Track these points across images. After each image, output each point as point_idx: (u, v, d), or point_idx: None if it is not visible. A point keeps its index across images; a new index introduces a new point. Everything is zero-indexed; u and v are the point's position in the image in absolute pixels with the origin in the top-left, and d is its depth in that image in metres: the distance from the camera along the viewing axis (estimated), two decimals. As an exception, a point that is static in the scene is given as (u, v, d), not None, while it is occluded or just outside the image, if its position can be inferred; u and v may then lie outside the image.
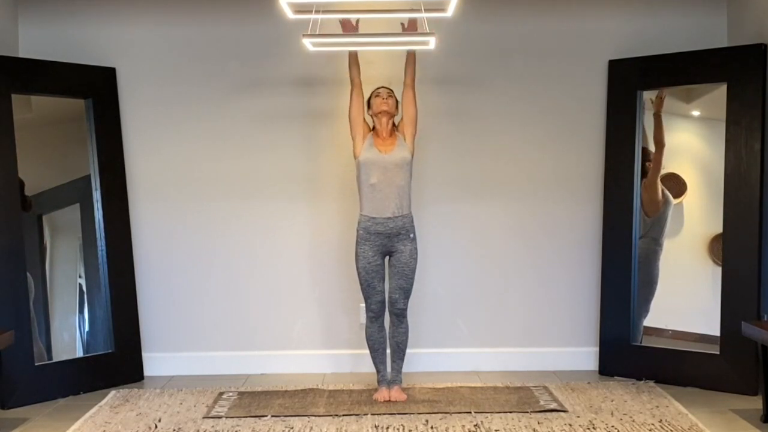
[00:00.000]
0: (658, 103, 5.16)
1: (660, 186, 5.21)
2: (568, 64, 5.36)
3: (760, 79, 4.78)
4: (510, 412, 4.45)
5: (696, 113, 5.35)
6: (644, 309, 5.25)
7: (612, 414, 4.42)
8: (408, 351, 4.79)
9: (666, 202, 5.23)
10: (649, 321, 5.23)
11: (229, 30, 5.33)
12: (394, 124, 4.73)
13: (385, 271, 4.69)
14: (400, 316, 4.69)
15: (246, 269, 5.39)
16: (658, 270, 5.23)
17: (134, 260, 5.29)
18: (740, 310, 4.74)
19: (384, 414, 4.45)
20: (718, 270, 4.93)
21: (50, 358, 5.00)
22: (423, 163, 5.07)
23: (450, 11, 4.38)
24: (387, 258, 4.68)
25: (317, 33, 4.60)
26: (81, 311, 5.25)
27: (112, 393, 4.92)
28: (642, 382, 5.03)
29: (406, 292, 4.67)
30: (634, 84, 5.19)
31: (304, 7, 4.39)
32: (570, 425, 4.25)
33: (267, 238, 5.39)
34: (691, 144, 5.35)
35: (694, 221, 5.19)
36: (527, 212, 5.40)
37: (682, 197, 5.22)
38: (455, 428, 4.21)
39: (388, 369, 4.77)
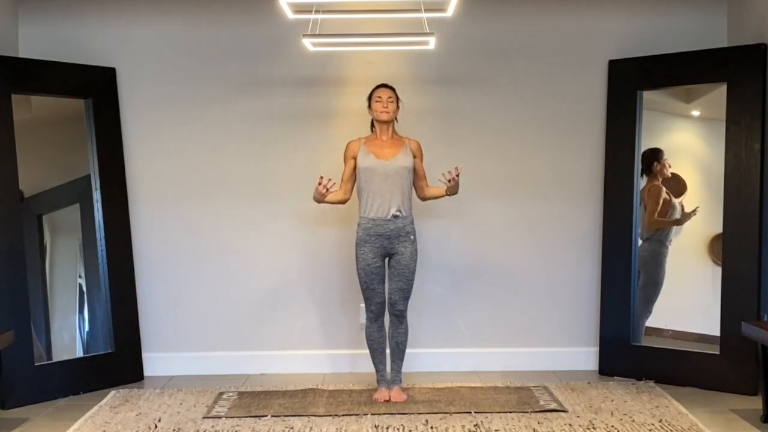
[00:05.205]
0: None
1: (660, 203, 5.23)
2: (568, 64, 5.36)
3: (760, 79, 4.78)
4: (510, 412, 4.45)
5: (696, 113, 5.35)
6: (647, 310, 5.25)
7: (612, 414, 4.42)
8: (408, 351, 4.79)
9: (671, 206, 5.23)
10: (649, 321, 5.24)
11: (229, 30, 5.33)
12: (394, 128, 4.71)
13: (385, 272, 4.68)
14: (399, 317, 4.69)
15: (246, 269, 5.39)
16: (664, 272, 5.24)
17: (134, 260, 5.29)
18: (740, 310, 4.74)
19: (384, 414, 4.45)
20: (718, 270, 4.93)
21: (50, 358, 5.00)
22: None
23: (450, 11, 4.40)
24: (387, 259, 4.68)
25: (317, 33, 4.61)
26: (81, 311, 5.25)
27: (112, 393, 4.92)
28: (642, 382, 5.03)
29: (406, 294, 4.66)
30: (634, 84, 5.19)
31: (304, 7, 4.40)
32: (570, 425, 4.25)
33: (267, 237, 5.39)
34: (691, 144, 5.36)
35: (694, 221, 5.19)
36: (527, 212, 5.40)
37: (682, 197, 5.22)
38: (455, 428, 4.21)
39: (388, 369, 4.77)
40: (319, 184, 4.54)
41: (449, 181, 4.61)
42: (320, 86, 5.34)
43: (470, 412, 4.45)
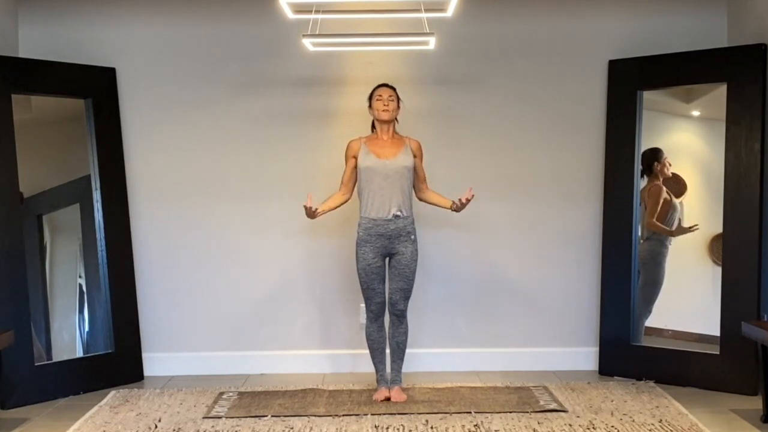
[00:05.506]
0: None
1: (660, 203, 5.23)
2: (568, 64, 5.36)
3: (760, 79, 4.78)
4: (510, 412, 4.45)
5: (696, 113, 5.35)
6: (647, 310, 5.25)
7: (612, 414, 4.42)
8: (408, 351, 4.79)
9: (672, 207, 5.22)
10: (649, 321, 5.24)
11: (229, 30, 5.33)
12: (394, 127, 4.71)
13: (385, 272, 4.68)
14: (400, 317, 4.69)
15: (246, 269, 5.39)
16: (664, 271, 5.24)
17: (134, 260, 5.29)
18: (740, 310, 4.74)
19: (384, 414, 4.45)
20: (718, 270, 4.93)
21: (50, 358, 5.00)
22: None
23: (450, 11, 4.40)
24: (387, 259, 4.68)
25: (317, 33, 4.61)
26: (81, 311, 5.25)
27: (112, 393, 4.92)
28: (642, 382, 5.03)
29: (407, 293, 4.66)
30: (634, 84, 5.19)
31: (304, 7, 4.40)
32: (570, 425, 4.25)
33: (267, 237, 5.39)
34: (691, 144, 5.36)
35: (694, 221, 5.19)
36: (527, 212, 5.40)
37: (682, 197, 5.22)
38: (455, 428, 4.21)
39: (388, 369, 4.77)
40: (305, 208, 4.60)
41: (462, 204, 4.64)
42: (320, 86, 5.34)
43: (470, 412, 4.45)
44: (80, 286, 5.25)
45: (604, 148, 5.31)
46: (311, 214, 4.61)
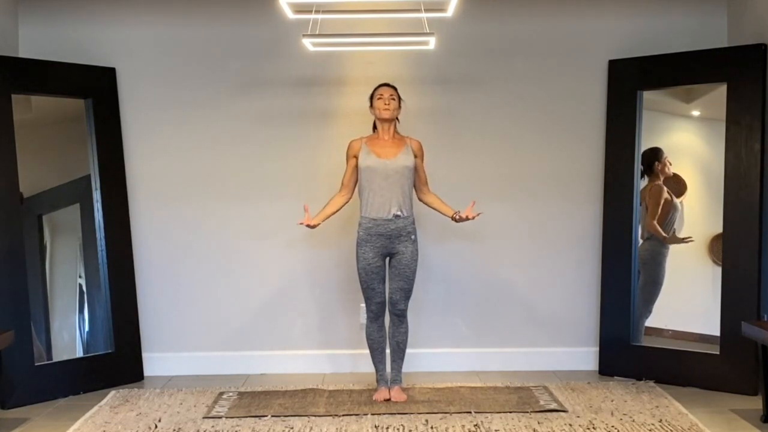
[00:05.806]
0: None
1: (660, 204, 5.23)
2: (568, 64, 5.36)
3: (760, 79, 4.78)
4: (510, 412, 4.45)
5: (696, 113, 5.35)
6: (647, 310, 5.25)
7: (612, 414, 4.42)
8: (408, 351, 4.79)
9: (672, 206, 5.23)
10: (649, 321, 5.24)
11: (229, 30, 5.33)
12: (396, 127, 4.71)
13: (385, 272, 4.68)
14: (400, 317, 4.69)
15: (246, 268, 5.39)
16: (664, 271, 5.24)
17: (134, 260, 5.29)
18: (740, 310, 4.74)
19: (384, 414, 4.45)
20: (718, 270, 4.93)
21: (50, 358, 5.00)
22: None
23: (450, 11, 4.40)
24: (387, 259, 4.68)
25: (317, 33, 4.61)
26: (81, 311, 5.25)
27: (112, 393, 4.92)
28: (642, 382, 5.03)
29: (407, 293, 4.66)
30: (634, 84, 5.19)
31: (304, 7, 4.41)
32: (570, 425, 4.25)
33: (267, 237, 5.39)
34: (691, 144, 5.36)
35: (694, 221, 5.19)
36: (527, 212, 5.40)
37: (682, 197, 5.22)
38: (455, 428, 4.21)
39: (388, 369, 4.77)
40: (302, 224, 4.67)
41: (464, 218, 4.66)
42: (320, 86, 5.34)
43: (470, 412, 4.45)
44: (80, 286, 5.25)
45: (604, 148, 5.31)
46: (310, 227, 4.65)
